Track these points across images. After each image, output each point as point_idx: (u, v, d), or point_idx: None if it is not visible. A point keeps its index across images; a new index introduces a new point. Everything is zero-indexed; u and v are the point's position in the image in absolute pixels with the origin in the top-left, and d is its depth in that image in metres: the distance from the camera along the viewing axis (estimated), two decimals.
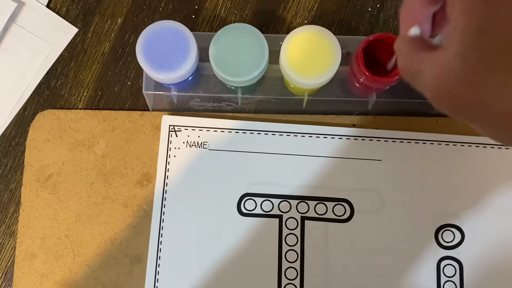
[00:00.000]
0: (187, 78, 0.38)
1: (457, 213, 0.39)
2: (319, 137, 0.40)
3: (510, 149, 0.40)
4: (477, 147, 0.40)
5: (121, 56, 0.43)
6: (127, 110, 0.42)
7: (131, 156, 0.41)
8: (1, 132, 0.42)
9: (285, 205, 0.39)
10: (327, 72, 0.35)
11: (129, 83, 0.42)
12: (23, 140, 0.41)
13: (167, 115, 0.41)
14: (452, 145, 0.40)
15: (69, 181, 0.40)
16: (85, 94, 0.42)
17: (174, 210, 0.39)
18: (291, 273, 0.38)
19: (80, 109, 0.42)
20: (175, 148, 0.40)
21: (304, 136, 0.40)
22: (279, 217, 0.39)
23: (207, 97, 0.41)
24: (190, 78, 0.38)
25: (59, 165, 0.41)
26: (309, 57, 0.35)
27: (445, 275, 0.38)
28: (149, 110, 0.41)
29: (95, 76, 0.42)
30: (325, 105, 0.41)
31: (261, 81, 0.41)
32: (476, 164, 0.39)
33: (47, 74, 0.42)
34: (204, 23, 0.43)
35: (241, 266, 0.38)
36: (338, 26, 0.42)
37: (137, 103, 0.42)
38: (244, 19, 0.43)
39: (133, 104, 0.42)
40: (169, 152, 0.40)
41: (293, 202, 0.39)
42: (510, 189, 0.39)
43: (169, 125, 0.40)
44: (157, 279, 0.38)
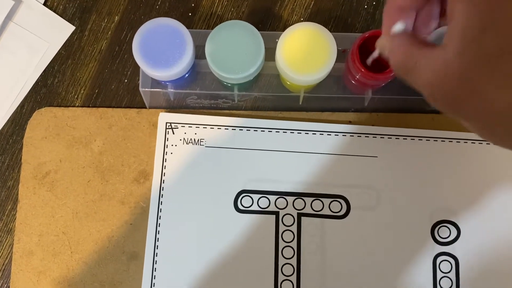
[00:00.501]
0: (184, 75, 0.38)
1: (453, 210, 0.39)
2: (315, 134, 0.40)
3: None
4: (473, 143, 0.40)
5: (118, 54, 0.43)
6: (124, 107, 0.42)
7: (128, 153, 0.41)
8: None
9: (281, 202, 0.39)
10: (323, 68, 0.35)
11: (126, 80, 0.42)
12: (20, 138, 0.41)
13: (164, 113, 0.41)
14: (448, 141, 0.40)
15: (66, 179, 0.41)
16: (82, 92, 0.42)
17: (171, 207, 0.39)
18: (287, 270, 0.39)
19: (77, 106, 0.42)
20: (172, 145, 0.40)
21: (300, 133, 0.40)
22: (276, 213, 0.39)
23: (203, 94, 0.41)
24: (187, 76, 0.38)
25: (56, 162, 0.41)
26: (305, 53, 0.35)
27: (441, 271, 0.38)
28: (146, 108, 0.42)
29: (92, 74, 0.42)
30: (321, 102, 0.41)
31: (257, 78, 0.41)
32: (472, 161, 0.40)
33: (44, 72, 0.42)
34: (201, 21, 0.43)
35: (237, 262, 0.39)
36: (334, 23, 0.42)
37: (134, 100, 0.42)
38: (240, 16, 0.43)
39: (130, 102, 0.42)
40: (166, 149, 0.40)
41: (290, 199, 0.39)
42: (506, 185, 0.39)
43: (166, 122, 0.41)
44: (154, 276, 0.38)
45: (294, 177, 0.40)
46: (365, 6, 0.43)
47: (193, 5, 0.43)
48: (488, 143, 0.40)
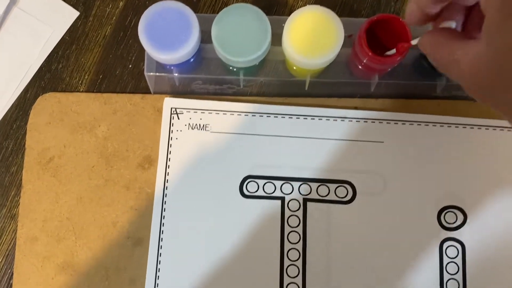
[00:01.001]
0: (189, 60, 0.38)
1: (459, 195, 0.39)
2: (321, 119, 0.40)
3: None
4: (479, 129, 0.40)
5: (122, 40, 0.42)
6: (129, 93, 0.42)
7: (132, 139, 0.41)
8: (2, 115, 0.42)
9: (287, 187, 0.39)
10: (330, 51, 0.35)
11: (130, 66, 0.42)
12: (24, 123, 0.41)
13: (169, 98, 0.41)
14: (454, 127, 0.40)
15: (70, 164, 0.40)
16: (86, 78, 0.42)
17: (176, 192, 0.39)
18: (293, 255, 0.38)
19: (82, 92, 0.42)
20: (177, 131, 0.40)
21: (306, 119, 0.40)
22: (282, 199, 0.39)
23: (209, 79, 0.41)
24: (192, 60, 0.38)
25: (60, 148, 0.41)
26: (312, 37, 0.35)
27: (448, 256, 0.38)
28: (150, 93, 0.41)
29: (97, 59, 0.42)
30: (327, 88, 0.41)
31: (263, 63, 0.41)
32: (479, 146, 0.40)
33: (48, 57, 0.42)
34: (206, 6, 0.43)
35: (243, 247, 0.38)
36: (340, 9, 0.42)
37: (138, 86, 0.42)
38: (246, 1, 0.43)
39: (134, 88, 0.42)
40: (171, 135, 0.40)
41: (295, 184, 0.39)
42: None
43: (171, 108, 0.40)
44: (159, 261, 0.38)
45: (300, 163, 0.39)
46: None
47: None
48: (494, 129, 0.40)
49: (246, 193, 0.39)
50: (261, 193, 0.39)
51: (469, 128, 0.40)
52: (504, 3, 0.21)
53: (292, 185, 0.39)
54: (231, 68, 0.39)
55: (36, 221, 0.40)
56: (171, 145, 0.40)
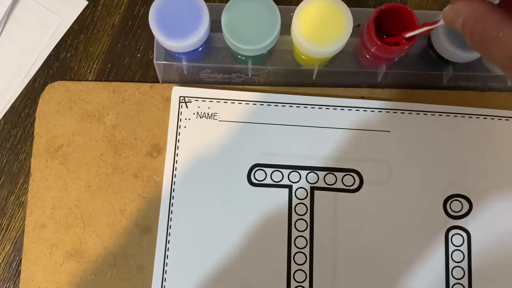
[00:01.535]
0: (198, 48, 0.38)
1: (465, 184, 0.39)
2: (328, 108, 0.40)
3: None
4: (485, 119, 0.40)
5: (131, 29, 0.43)
6: (137, 82, 0.42)
7: (141, 127, 0.41)
8: (11, 103, 0.42)
9: (294, 175, 0.39)
10: (339, 40, 0.36)
11: (138, 55, 0.42)
12: (32, 112, 0.41)
13: (177, 86, 0.41)
14: (460, 116, 0.40)
15: (79, 152, 0.41)
16: (94, 66, 0.42)
17: (185, 180, 0.39)
18: (300, 242, 0.39)
19: (90, 81, 0.42)
20: (185, 119, 0.40)
21: (314, 108, 0.40)
22: (289, 187, 0.39)
23: (217, 68, 0.41)
24: (201, 49, 0.38)
25: (69, 136, 0.41)
26: (321, 25, 0.36)
27: (453, 244, 0.39)
28: (159, 82, 0.42)
29: (105, 48, 0.42)
30: (335, 77, 0.41)
31: (271, 53, 0.41)
32: (485, 136, 0.40)
33: (56, 46, 0.42)
34: None
35: (250, 235, 0.39)
36: None
37: (146, 75, 0.42)
38: None
39: (143, 77, 0.42)
40: (179, 123, 0.40)
41: (303, 173, 0.40)
42: None
43: (180, 96, 0.41)
44: (167, 248, 0.39)
45: (307, 151, 0.40)
46: None
47: None
48: (500, 119, 0.40)
49: (254, 181, 0.39)
50: (269, 181, 0.39)
51: (475, 118, 0.40)
52: None
53: (299, 174, 0.40)
54: (239, 57, 0.39)
55: (45, 208, 0.40)
56: (179, 133, 0.40)
